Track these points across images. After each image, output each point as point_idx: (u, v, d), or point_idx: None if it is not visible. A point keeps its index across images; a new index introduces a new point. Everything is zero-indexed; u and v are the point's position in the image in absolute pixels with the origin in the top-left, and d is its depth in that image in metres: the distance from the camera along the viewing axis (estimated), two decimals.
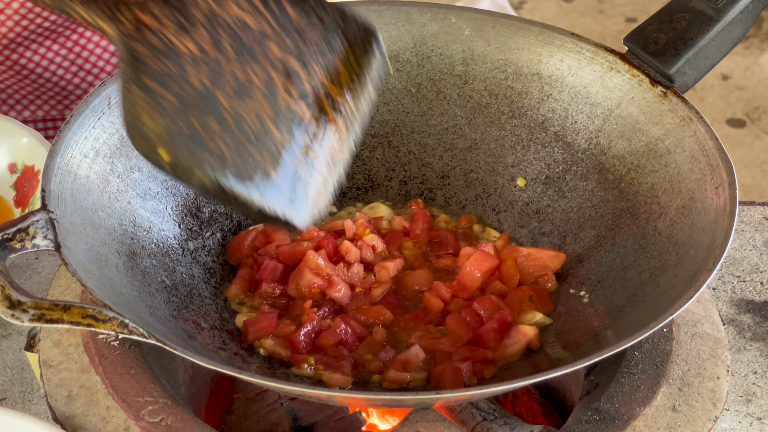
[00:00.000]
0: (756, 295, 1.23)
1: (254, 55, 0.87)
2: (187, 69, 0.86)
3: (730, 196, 0.98)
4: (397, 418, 1.06)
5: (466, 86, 1.16)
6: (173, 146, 0.84)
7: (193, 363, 0.90)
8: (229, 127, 0.86)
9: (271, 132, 0.87)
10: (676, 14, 1.07)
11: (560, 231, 1.10)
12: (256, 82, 0.87)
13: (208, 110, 0.86)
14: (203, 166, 0.85)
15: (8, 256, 0.90)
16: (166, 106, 0.84)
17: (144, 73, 0.85)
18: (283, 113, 0.88)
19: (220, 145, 0.85)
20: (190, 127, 0.85)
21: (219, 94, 0.86)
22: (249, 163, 0.86)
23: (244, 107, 0.86)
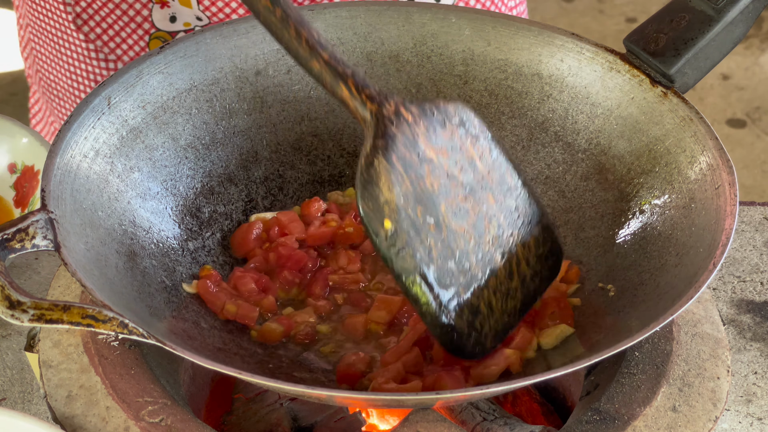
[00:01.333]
0: (756, 296, 1.23)
1: (476, 193, 0.97)
2: (425, 168, 0.94)
3: (730, 196, 0.98)
4: (397, 418, 1.06)
5: (466, 86, 1.16)
6: (398, 220, 0.93)
7: (193, 363, 0.90)
8: (441, 235, 0.95)
9: (471, 261, 0.97)
10: (676, 14, 1.07)
11: (560, 231, 1.10)
12: (471, 214, 0.97)
13: (431, 211, 0.94)
14: (416, 252, 0.93)
15: (8, 256, 0.90)
16: (402, 187, 0.93)
17: (393, 149, 0.93)
18: (483, 251, 0.97)
19: (432, 243, 0.94)
20: (414, 214, 0.93)
21: (443, 204, 0.95)
22: (447, 274, 0.95)
23: (456, 226, 0.96)
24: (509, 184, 0.99)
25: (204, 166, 1.11)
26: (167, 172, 1.09)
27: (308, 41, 0.94)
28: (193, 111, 1.11)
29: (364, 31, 1.17)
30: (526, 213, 1.00)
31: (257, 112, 1.14)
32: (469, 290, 0.97)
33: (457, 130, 0.97)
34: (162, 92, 1.09)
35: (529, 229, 1.00)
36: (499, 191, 0.98)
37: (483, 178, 0.98)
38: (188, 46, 1.11)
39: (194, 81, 1.11)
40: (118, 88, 1.06)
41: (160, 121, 1.09)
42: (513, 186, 0.99)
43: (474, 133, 0.98)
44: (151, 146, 1.08)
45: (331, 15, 1.16)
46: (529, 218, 1.00)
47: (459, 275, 0.96)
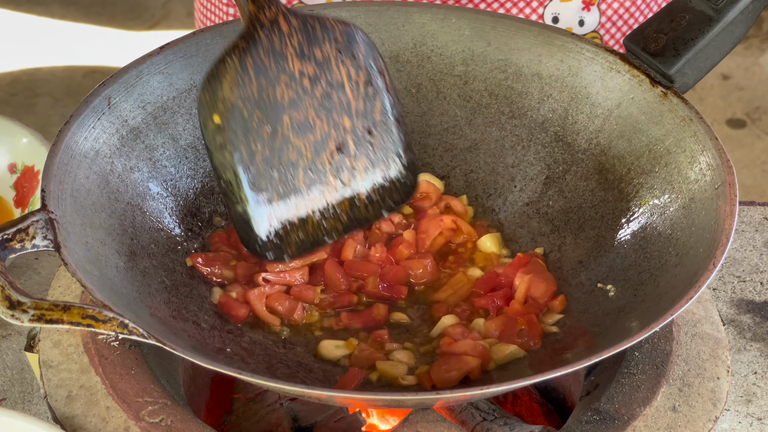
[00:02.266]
0: (756, 296, 1.23)
1: (330, 113, 1.00)
2: (281, 79, 0.98)
3: (730, 196, 0.98)
4: (397, 418, 1.06)
5: (466, 86, 1.16)
6: (228, 119, 0.96)
7: (193, 363, 0.90)
8: (274, 144, 0.98)
9: (297, 174, 1.00)
10: (676, 14, 1.07)
11: (560, 231, 1.10)
12: (317, 132, 1.00)
13: (271, 119, 0.98)
14: (235, 151, 0.97)
15: (8, 256, 0.90)
16: (246, 90, 0.96)
17: (250, 53, 0.97)
18: (316, 169, 1.00)
19: (259, 149, 0.98)
20: (250, 118, 0.97)
21: (286, 116, 0.98)
22: (266, 179, 0.99)
23: (295, 139, 0.99)
24: (376, 114, 1.01)
25: (204, 166, 1.11)
26: (167, 172, 1.09)
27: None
28: (193, 111, 1.11)
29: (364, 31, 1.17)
30: (383, 146, 1.02)
31: None
32: (286, 200, 0.99)
33: (334, 49, 0.99)
34: (162, 92, 1.09)
35: (382, 162, 1.02)
36: (358, 118, 1.01)
37: (346, 102, 1.00)
38: (188, 46, 1.11)
39: (194, 81, 1.11)
40: (118, 88, 1.06)
41: (160, 121, 1.09)
42: (379, 117, 1.01)
43: (355, 59, 1.00)
44: (151, 146, 1.08)
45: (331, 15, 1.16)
46: (384, 151, 1.02)
47: (279, 183, 0.99)
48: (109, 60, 3.18)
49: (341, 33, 0.99)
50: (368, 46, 1.01)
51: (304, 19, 0.98)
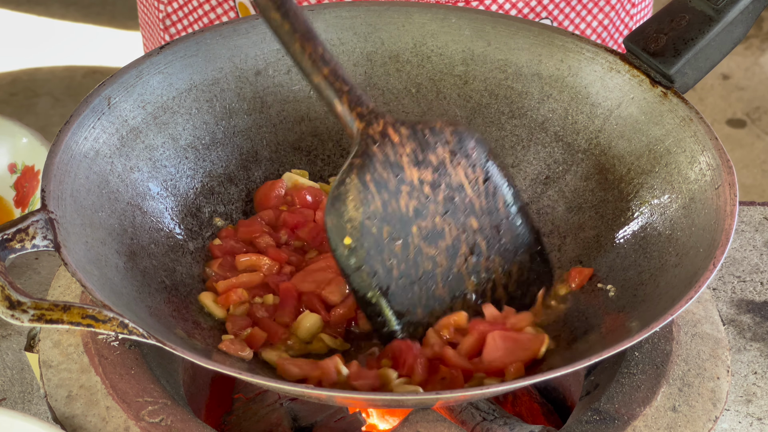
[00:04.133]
0: (756, 296, 1.23)
1: (456, 216, 0.99)
2: (402, 190, 0.97)
3: (730, 196, 0.98)
4: (397, 418, 1.06)
5: (466, 86, 1.16)
6: (360, 238, 0.96)
7: (193, 363, 0.90)
8: (408, 255, 0.98)
9: (437, 283, 0.99)
10: (676, 14, 1.07)
11: (560, 231, 1.10)
12: (447, 237, 0.99)
13: (400, 233, 0.97)
14: (372, 271, 0.97)
15: (8, 256, 0.90)
16: (371, 206, 0.96)
17: (368, 169, 0.96)
18: (454, 275, 1.00)
19: (394, 264, 0.97)
20: (380, 234, 0.97)
21: (415, 226, 0.98)
22: (407, 293, 0.98)
23: (427, 249, 0.98)
24: (500, 210, 1.01)
25: (204, 166, 1.11)
26: (167, 172, 1.09)
27: (311, 56, 0.97)
28: (193, 111, 1.11)
29: (364, 31, 1.17)
30: (514, 239, 1.02)
31: (257, 112, 1.14)
32: (428, 310, 0.99)
33: (447, 152, 0.99)
34: (162, 92, 1.09)
35: (514, 256, 1.02)
36: (484, 216, 1.00)
37: (469, 202, 1.00)
38: (188, 46, 1.11)
39: (194, 81, 1.11)
40: (118, 88, 1.06)
41: (160, 121, 1.09)
42: (503, 212, 1.01)
43: (469, 158, 1.00)
44: (151, 146, 1.08)
45: (331, 15, 1.16)
46: (515, 245, 1.02)
47: (421, 296, 0.99)
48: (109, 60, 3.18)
49: (451, 134, 0.99)
50: (479, 144, 1.00)
51: (413, 126, 0.98)
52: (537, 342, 0.99)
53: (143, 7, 1.49)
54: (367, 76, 1.17)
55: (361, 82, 1.17)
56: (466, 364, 0.98)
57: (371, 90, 1.17)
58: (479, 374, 0.98)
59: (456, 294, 1.00)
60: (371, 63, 1.17)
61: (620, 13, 1.39)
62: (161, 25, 1.44)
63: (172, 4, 1.41)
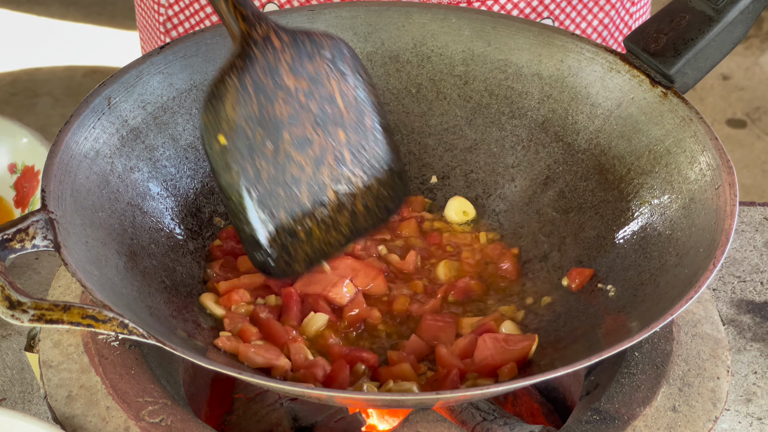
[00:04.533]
0: (756, 296, 1.23)
1: (326, 127, 1.01)
2: (278, 95, 0.99)
3: (730, 196, 0.98)
4: (397, 418, 1.06)
5: (466, 87, 1.16)
6: (233, 138, 0.97)
7: (193, 363, 0.90)
8: (277, 160, 0.99)
9: (301, 189, 1.01)
10: (676, 15, 1.07)
11: (560, 231, 1.10)
12: (315, 146, 1.01)
13: (272, 136, 0.99)
14: (242, 171, 0.98)
15: (8, 256, 0.90)
16: (248, 108, 0.97)
17: (248, 72, 0.97)
18: (318, 183, 1.02)
19: (264, 166, 0.98)
20: (254, 136, 0.98)
21: (287, 132, 1.00)
22: (272, 197, 0.99)
23: (296, 155, 1.00)
24: (366, 126, 1.03)
25: (204, 167, 1.11)
26: (167, 172, 1.09)
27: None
28: (193, 111, 1.11)
29: (364, 31, 1.17)
30: (376, 155, 1.04)
31: None
32: (291, 215, 1.01)
33: (324, 64, 1.01)
34: (162, 92, 1.09)
35: (375, 171, 1.04)
36: (352, 129, 1.03)
37: (339, 114, 1.02)
38: (188, 46, 1.11)
39: (194, 81, 1.11)
40: (118, 89, 1.06)
41: (160, 122, 1.09)
42: (370, 127, 1.03)
43: (343, 71, 1.02)
44: (151, 146, 1.08)
45: (331, 15, 1.16)
46: (377, 161, 1.04)
47: (284, 199, 1.00)
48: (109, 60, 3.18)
49: (329, 47, 1.01)
50: (354, 59, 1.02)
51: (294, 34, 1.00)
52: (527, 342, 0.99)
53: (142, 10, 1.49)
54: None
55: None
56: (459, 363, 0.99)
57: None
58: (472, 374, 0.99)
59: (318, 201, 1.02)
60: (371, 63, 1.17)
61: (620, 12, 1.40)
62: (162, 29, 1.44)
63: (173, 7, 1.41)
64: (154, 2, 1.44)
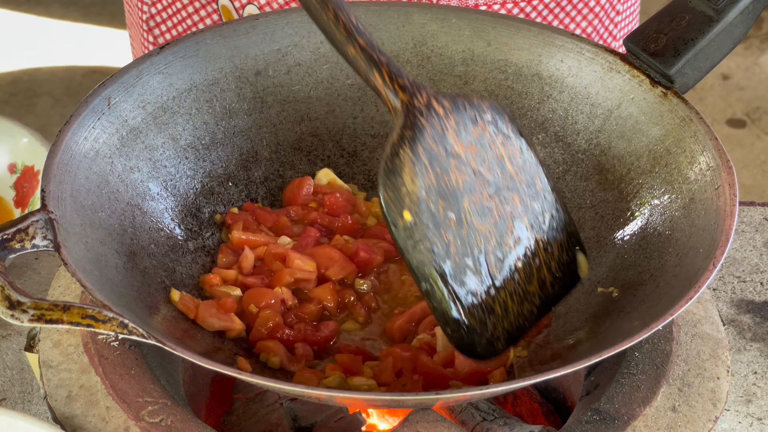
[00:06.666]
0: (756, 296, 1.23)
1: (500, 192, 0.97)
2: (451, 163, 0.94)
3: (730, 196, 0.98)
4: (397, 418, 1.06)
5: (466, 87, 1.16)
6: (418, 213, 0.92)
7: (193, 363, 0.90)
8: (461, 232, 0.94)
9: (490, 261, 0.96)
10: (676, 15, 1.07)
11: None
12: (495, 213, 0.96)
13: (453, 207, 0.94)
14: (433, 246, 0.93)
15: (8, 256, 0.90)
16: (426, 179, 0.93)
17: (419, 141, 0.93)
18: (503, 252, 0.97)
19: (451, 240, 0.94)
20: (436, 208, 0.93)
21: (466, 202, 0.95)
22: (464, 271, 0.94)
23: (478, 225, 0.95)
24: (537, 188, 0.99)
25: (204, 167, 1.11)
26: (167, 172, 1.09)
27: (345, 26, 0.94)
28: (193, 111, 1.11)
29: None
30: (553, 218, 1.00)
31: (257, 113, 1.14)
32: (485, 290, 0.96)
33: (488, 127, 0.97)
34: (162, 92, 1.09)
35: (554, 234, 1.00)
36: (526, 193, 0.98)
37: (511, 179, 0.97)
38: (188, 46, 1.11)
39: (194, 81, 1.11)
40: (118, 88, 1.06)
41: (160, 122, 1.09)
42: (541, 190, 0.99)
43: (506, 133, 0.97)
44: (151, 146, 1.08)
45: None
46: (554, 223, 1.00)
47: (476, 274, 0.95)
48: (109, 60, 3.18)
49: (489, 109, 0.97)
50: (512, 120, 0.99)
51: (453, 99, 0.96)
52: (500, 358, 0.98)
53: (128, 8, 1.49)
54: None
55: (361, 82, 1.16)
56: (441, 370, 0.98)
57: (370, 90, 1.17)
58: (455, 381, 0.98)
59: (507, 272, 0.97)
60: None
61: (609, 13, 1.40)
62: (144, 26, 1.44)
63: (156, 5, 1.41)
64: (138, 0, 1.44)
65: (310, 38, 1.16)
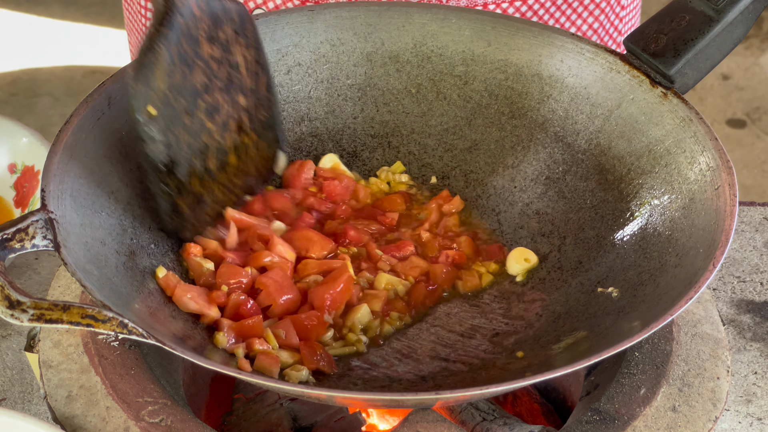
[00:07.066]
0: (756, 296, 1.23)
1: (230, 93, 1.04)
2: (197, 64, 1.00)
3: (730, 196, 0.98)
4: (397, 418, 1.06)
5: (466, 87, 1.16)
6: (161, 109, 0.97)
7: (193, 363, 0.90)
8: (192, 131, 1.01)
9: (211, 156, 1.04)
10: (676, 15, 1.07)
11: (560, 232, 1.10)
12: (222, 113, 1.04)
13: (190, 106, 1.00)
14: (165, 140, 0.99)
15: (8, 256, 0.90)
16: (174, 78, 0.98)
17: (174, 41, 0.98)
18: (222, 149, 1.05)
19: (182, 136, 1.00)
20: (177, 106, 0.99)
21: (201, 100, 1.01)
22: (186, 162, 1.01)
23: (207, 122, 1.02)
24: (260, 90, 1.07)
25: None
26: None
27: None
28: None
29: (364, 31, 1.17)
30: (267, 118, 1.09)
31: None
32: (203, 182, 1.03)
33: (233, 32, 1.03)
34: None
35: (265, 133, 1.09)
36: (251, 95, 1.06)
37: (240, 80, 1.05)
38: None
39: None
40: (118, 88, 1.06)
41: None
42: (263, 92, 1.07)
43: (247, 36, 1.04)
44: None
45: (331, 15, 1.16)
46: (267, 123, 1.09)
47: (198, 167, 1.02)
48: (109, 60, 3.18)
49: (236, 13, 1.03)
50: (254, 25, 1.05)
51: (209, 2, 1.01)
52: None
53: (129, 12, 1.49)
54: (367, 76, 1.17)
55: (361, 82, 1.17)
56: None
57: (371, 90, 1.17)
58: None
59: (222, 164, 1.05)
60: (371, 63, 1.17)
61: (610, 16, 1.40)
62: None
63: None
64: (141, 6, 1.43)
65: (310, 38, 1.16)
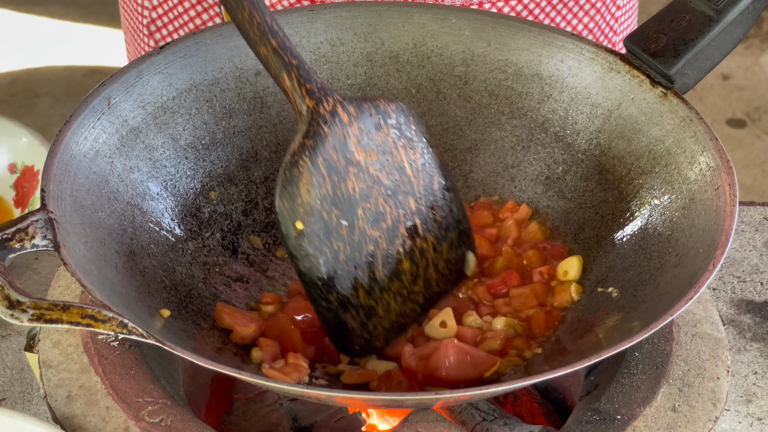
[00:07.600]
0: (756, 296, 1.23)
1: (396, 197, 0.99)
2: (350, 172, 0.96)
3: (730, 196, 0.98)
4: (397, 418, 1.06)
5: (466, 87, 1.16)
6: (310, 224, 0.94)
7: (193, 363, 0.90)
8: (353, 238, 0.96)
9: (378, 266, 0.98)
10: (676, 15, 1.07)
11: (560, 232, 1.10)
12: (388, 219, 0.99)
13: (347, 216, 0.96)
14: (320, 255, 0.95)
15: (7, 256, 0.90)
16: (321, 190, 0.94)
17: (320, 151, 0.95)
18: (393, 257, 0.99)
19: (341, 247, 0.96)
20: (329, 217, 0.95)
21: (360, 209, 0.97)
22: (350, 276, 0.97)
23: (370, 231, 0.97)
24: (434, 189, 1.01)
25: (204, 167, 1.11)
26: (167, 172, 1.09)
27: (259, 26, 0.95)
28: (193, 111, 1.11)
29: (364, 31, 1.17)
30: (445, 217, 1.02)
31: (257, 113, 1.14)
32: (371, 294, 0.98)
33: (391, 132, 0.98)
34: (162, 92, 1.09)
35: (445, 234, 1.02)
36: (421, 196, 1.00)
37: (408, 182, 1.00)
38: (188, 46, 1.11)
39: (194, 81, 1.11)
40: (118, 88, 1.06)
41: (160, 121, 1.09)
42: (437, 191, 1.01)
43: (409, 136, 1.00)
44: (150, 146, 1.08)
45: (331, 15, 1.16)
46: (446, 222, 1.02)
47: (363, 278, 0.98)
48: (109, 60, 3.18)
49: (394, 112, 0.99)
50: (418, 122, 1.00)
51: (359, 104, 0.97)
52: (488, 363, 0.98)
53: (125, 12, 1.49)
54: (367, 77, 1.17)
55: (362, 83, 1.17)
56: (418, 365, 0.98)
57: (371, 90, 1.17)
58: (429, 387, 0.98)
59: (394, 275, 1.00)
60: (371, 63, 1.17)
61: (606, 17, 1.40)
62: (146, 31, 1.44)
63: (157, 10, 1.40)
64: (138, 5, 1.43)
65: (310, 38, 1.16)
